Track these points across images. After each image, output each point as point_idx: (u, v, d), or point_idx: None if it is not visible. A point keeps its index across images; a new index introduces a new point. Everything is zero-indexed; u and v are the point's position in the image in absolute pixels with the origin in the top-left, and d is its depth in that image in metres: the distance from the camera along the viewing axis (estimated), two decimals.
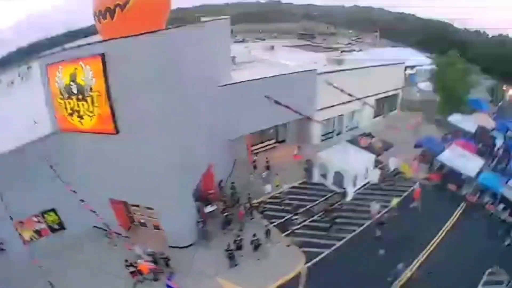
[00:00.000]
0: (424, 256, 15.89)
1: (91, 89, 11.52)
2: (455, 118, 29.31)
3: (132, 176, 13.17)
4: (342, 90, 21.65)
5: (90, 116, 11.95)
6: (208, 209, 17.01)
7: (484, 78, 52.82)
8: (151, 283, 13.25)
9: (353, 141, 21.99)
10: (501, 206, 18.98)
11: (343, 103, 24.49)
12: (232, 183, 19.44)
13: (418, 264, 15.44)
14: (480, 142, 28.23)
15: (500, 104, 42.49)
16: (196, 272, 13.95)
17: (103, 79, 11.22)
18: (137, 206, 15.66)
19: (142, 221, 16.22)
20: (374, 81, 27.81)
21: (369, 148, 21.27)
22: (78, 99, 11.90)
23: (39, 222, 14.37)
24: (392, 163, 22.26)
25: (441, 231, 17.47)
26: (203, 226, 15.66)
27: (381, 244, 15.76)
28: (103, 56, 11.12)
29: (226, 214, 16.51)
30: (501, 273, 14.72)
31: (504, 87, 49.13)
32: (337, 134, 27.34)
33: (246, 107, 18.66)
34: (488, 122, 30.71)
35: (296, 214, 17.84)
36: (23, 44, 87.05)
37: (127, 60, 11.30)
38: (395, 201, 18.85)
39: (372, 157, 20.85)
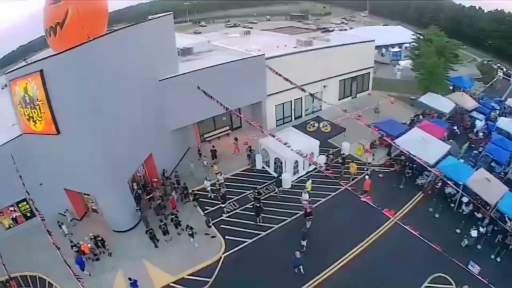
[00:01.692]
0: (356, 253, 14.77)
1: (37, 99, 13.80)
2: (427, 98, 27.15)
3: (75, 168, 15.31)
4: (280, 75, 20.12)
5: (40, 121, 14.37)
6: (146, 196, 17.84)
7: (477, 54, 50.04)
8: (92, 263, 14.99)
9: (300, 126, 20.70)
10: (465, 199, 16.78)
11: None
12: (176, 171, 19.36)
13: (346, 261, 14.41)
14: (455, 124, 26.59)
15: (492, 81, 39.88)
16: (127, 254, 15.37)
17: (43, 90, 13.43)
18: (88, 194, 17.34)
19: (94, 207, 17.86)
20: (338, 61, 26.13)
21: (316, 133, 20.03)
22: (31, 107, 14.33)
23: (14, 211, 16.66)
24: (345, 148, 20.82)
25: (384, 224, 15.96)
26: (141, 212, 16.72)
27: (307, 237, 14.82)
28: (41, 72, 13.22)
29: (159, 201, 17.17)
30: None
31: (498, 64, 46.13)
32: (295, 118, 25.89)
33: (186, 98, 18.75)
34: (467, 101, 28.44)
35: (223, 203, 17.21)
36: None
37: (60, 73, 13.32)
38: (308, 184, 17.66)
39: (316, 142, 19.52)
